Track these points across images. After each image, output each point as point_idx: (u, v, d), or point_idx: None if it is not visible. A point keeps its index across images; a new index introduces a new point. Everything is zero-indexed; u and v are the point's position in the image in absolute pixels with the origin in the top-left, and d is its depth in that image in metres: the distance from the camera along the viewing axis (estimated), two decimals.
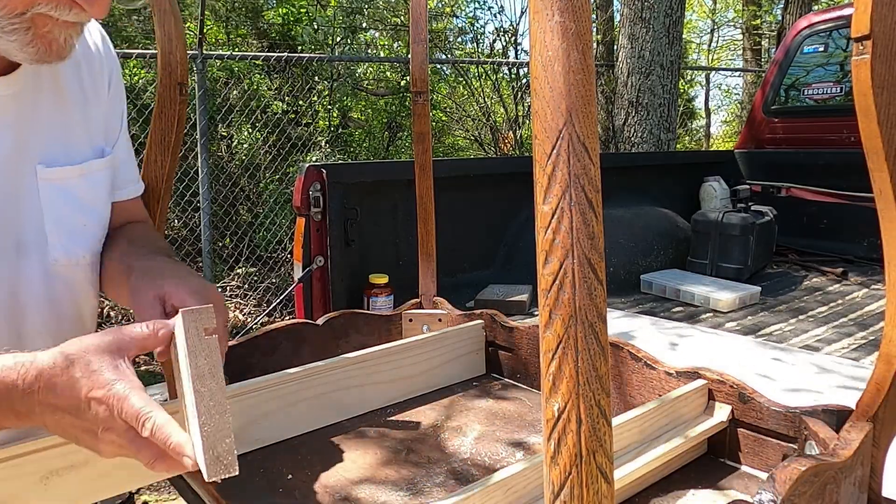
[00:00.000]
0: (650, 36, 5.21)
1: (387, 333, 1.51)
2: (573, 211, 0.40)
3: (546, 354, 0.41)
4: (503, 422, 1.21)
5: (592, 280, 0.40)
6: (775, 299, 2.70)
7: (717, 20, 15.20)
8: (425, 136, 1.52)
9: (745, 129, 3.96)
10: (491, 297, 2.46)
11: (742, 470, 1.03)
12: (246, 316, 4.85)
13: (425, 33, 1.47)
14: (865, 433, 0.84)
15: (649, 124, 5.33)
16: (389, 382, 1.28)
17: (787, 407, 0.98)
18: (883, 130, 0.73)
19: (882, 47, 0.71)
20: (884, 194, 0.77)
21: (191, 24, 5.45)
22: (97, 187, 0.93)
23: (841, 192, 3.19)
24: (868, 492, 0.87)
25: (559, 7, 0.39)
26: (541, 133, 0.40)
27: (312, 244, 2.22)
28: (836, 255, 3.28)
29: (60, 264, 0.89)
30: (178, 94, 1.11)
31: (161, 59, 1.11)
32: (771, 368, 1.85)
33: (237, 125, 5.70)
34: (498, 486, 0.81)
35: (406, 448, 1.11)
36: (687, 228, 3.17)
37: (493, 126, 7.35)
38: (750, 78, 11.20)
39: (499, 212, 2.80)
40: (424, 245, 1.54)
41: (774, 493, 0.69)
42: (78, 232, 0.91)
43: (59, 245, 0.88)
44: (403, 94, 6.62)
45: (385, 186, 2.44)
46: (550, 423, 0.40)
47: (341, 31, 6.50)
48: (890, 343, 0.82)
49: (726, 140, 13.14)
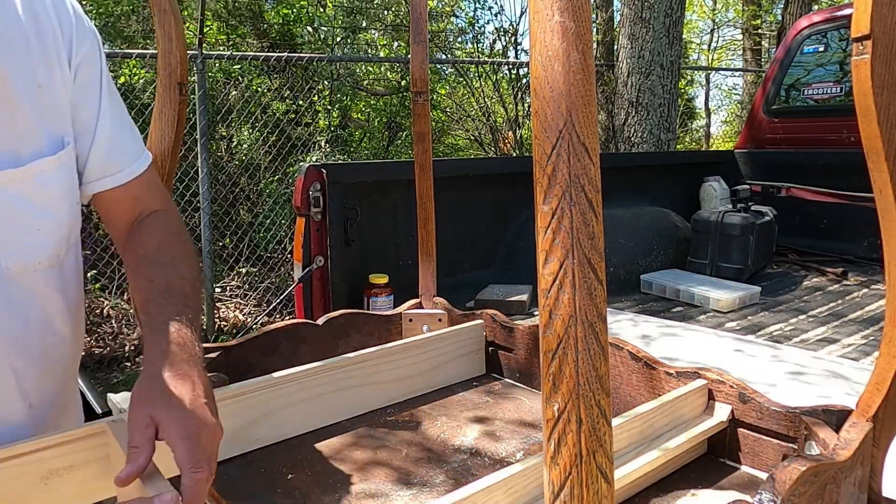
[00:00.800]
0: (650, 36, 5.21)
1: (387, 333, 1.51)
2: (573, 211, 0.40)
3: (546, 354, 0.41)
4: (503, 422, 1.21)
5: (592, 280, 0.40)
6: (775, 299, 2.70)
7: (717, 20, 15.21)
8: (425, 136, 1.52)
9: (745, 129, 3.96)
10: (491, 297, 2.46)
11: (742, 470, 1.03)
12: (246, 316, 4.85)
13: (425, 33, 1.47)
14: (865, 433, 0.84)
15: (649, 124, 5.33)
16: (389, 382, 1.28)
17: (787, 407, 0.98)
18: (883, 130, 0.73)
19: (882, 47, 0.71)
20: (884, 194, 0.77)
21: (191, 24, 5.45)
22: (49, 187, 0.85)
23: (841, 192, 3.19)
24: (868, 492, 0.87)
25: (559, 7, 0.39)
26: (541, 133, 0.40)
27: (312, 244, 2.22)
28: (836, 255, 3.28)
29: (13, 272, 0.83)
30: (177, 94, 1.11)
31: (161, 59, 1.12)
32: (771, 368, 1.85)
33: (237, 125, 5.70)
34: (498, 486, 0.81)
35: (406, 448, 1.11)
36: (687, 228, 3.17)
37: (493, 126, 7.35)
38: (750, 78, 11.20)
39: (499, 212, 2.80)
40: (424, 245, 1.54)
41: (774, 493, 0.69)
42: (30, 237, 0.84)
43: (10, 252, 0.82)
44: (403, 94, 6.62)
45: (385, 186, 2.44)
46: (550, 423, 0.40)
47: (341, 31, 6.50)
48: (890, 343, 0.82)
49: (726, 140, 13.14)
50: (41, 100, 0.83)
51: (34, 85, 0.82)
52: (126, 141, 0.93)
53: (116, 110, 0.92)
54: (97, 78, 0.90)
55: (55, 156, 0.84)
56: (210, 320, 4.53)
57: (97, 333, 4.35)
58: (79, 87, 0.88)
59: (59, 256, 0.88)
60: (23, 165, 0.81)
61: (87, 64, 0.88)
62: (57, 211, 0.86)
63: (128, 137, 0.94)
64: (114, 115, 0.91)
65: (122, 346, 4.32)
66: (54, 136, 0.85)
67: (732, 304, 2.56)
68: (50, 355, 0.91)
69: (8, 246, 0.82)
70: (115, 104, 0.92)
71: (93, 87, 0.89)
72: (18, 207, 0.82)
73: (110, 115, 0.91)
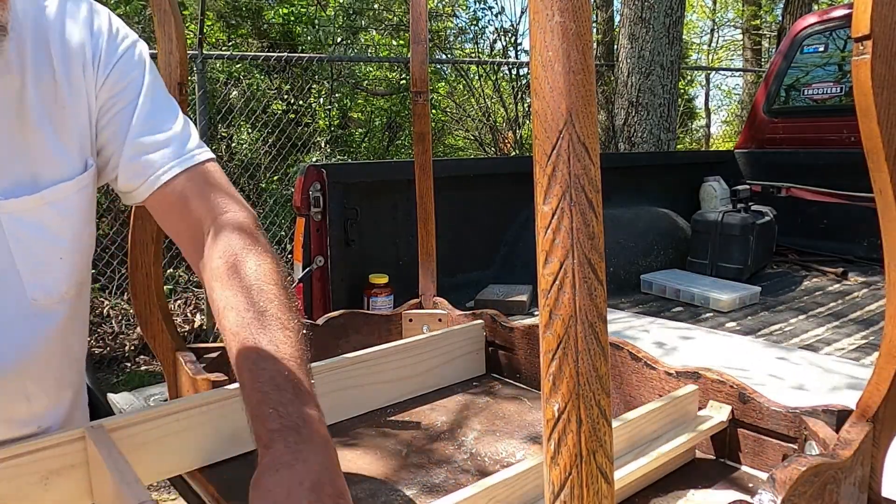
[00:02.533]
0: (650, 36, 5.21)
1: (387, 333, 1.51)
2: (573, 211, 0.40)
3: (546, 354, 0.41)
4: (503, 422, 1.21)
5: (592, 280, 0.40)
6: (775, 299, 2.70)
7: (717, 20, 15.20)
8: (425, 136, 1.52)
9: (746, 129, 3.96)
10: (491, 297, 2.46)
11: (742, 470, 1.03)
12: None
13: (425, 33, 1.47)
14: (865, 433, 0.84)
15: (649, 124, 5.33)
16: (389, 382, 1.28)
17: (787, 407, 0.98)
18: (883, 130, 0.73)
19: (882, 47, 0.71)
20: (884, 194, 0.76)
21: (191, 24, 5.45)
22: (69, 213, 0.81)
23: (841, 192, 3.19)
24: (868, 492, 0.87)
25: (559, 7, 0.39)
26: (541, 133, 0.40)
27: (312, 244, 2.22)
28: (836, 255, 3.28)
29: (41, 303, 0.80)
30: (177, 94, 1.11)
31: (161, 59, 1.12)
32: (771, 368, 1.85)
33: (237, 125, 5.70)
34: (498, 486, 0.81)
35: (406, 448, 1.11)
36: (687, 228, 3.17)
37: (493, 126, 7.35)
38: (750, 78, 11.20)
39: (499, 212, 2.80)
40: (424, 245, 1.54)
41: (774, 493, 0.69)
42: (54, 266, 0.81)
43: (36, 283, 0.79)
44: (403, 94, 6.62)
45: (385, 186, 2.44)
46: (550, 423, 0.40)
47: (342, 32, 6.50)
48: (890, 343, 0.82)
49: (726, 140, 13.14)
50: (64, 121, 0.80)
51: (56, 108, 0.79)
52: (158, 145, 0.85)
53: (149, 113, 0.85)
54: (131, 83, 0.85)
55: (73, 180, 0.81)
56: (210, 320, 4.53)
57: (97, 333, 4.35)
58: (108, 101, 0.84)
59: (82, 284, 0.85)
60: (38, 192, 0.78)
61: (122, 71, 0.84)
62: (79, 237, 0.84)
63: (178, 136, 0.86)
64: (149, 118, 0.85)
65: (122, 346, 4.32)
66: (76, 159, 0.82)
67: (732, 304, 2.56)
68: (63, 380, 0.90)
69: (33, 277, 0.78)
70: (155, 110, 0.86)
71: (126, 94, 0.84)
72: (41, 237, 0.79)
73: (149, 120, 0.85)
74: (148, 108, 0.85)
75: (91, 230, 0.85)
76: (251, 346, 0.70)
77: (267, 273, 0.78)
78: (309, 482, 0.59)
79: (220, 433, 1.02)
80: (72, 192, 0.81)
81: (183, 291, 4.82)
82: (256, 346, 0.70)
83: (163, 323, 1.23)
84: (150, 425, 0.93)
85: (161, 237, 1.19)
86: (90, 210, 0.85)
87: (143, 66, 0.87)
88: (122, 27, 0.87)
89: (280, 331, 0.72)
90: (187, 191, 0.84)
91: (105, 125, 0.85)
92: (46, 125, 0.79)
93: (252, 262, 0.78)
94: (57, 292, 0.81)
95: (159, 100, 0.87)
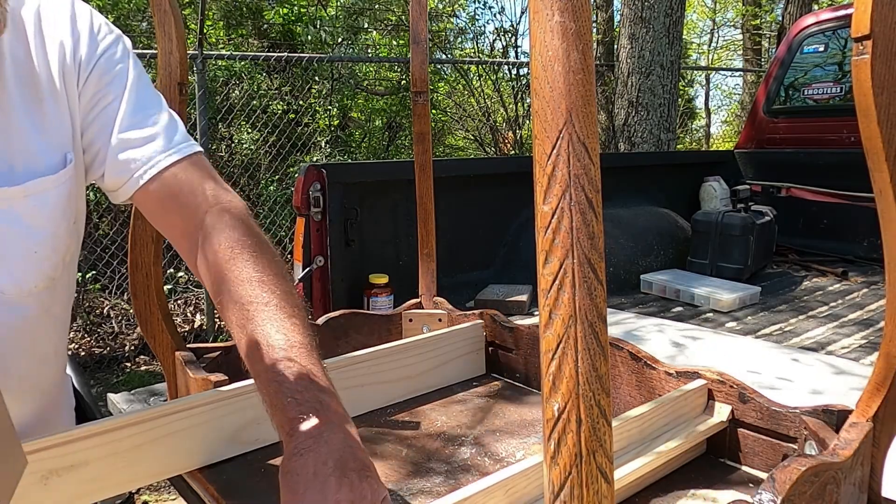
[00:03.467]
0: (650, 36, 5.21)
1: (387, 333, 1.51)
2: (573, 211, 0.40)
3: (546, 354, 0.41)
4: (503, 422, 1.21)
5: (592, 280, 0.40)
6: (775, 299, 2.70)
7: (717, 20, 15.21)
8: (425, 136, 1.52)
9: (746, 129, 3.96)
10: (491, 297, 2.46)
11: (742, 470, 1.03)
12: None
13: (425, 33, 1.47)
14: (865, 433, 0.84)
15: (649, 124, 5.33)
16: (389, 382, 1.28)
17: (787, 407, 0.98)
18: (883, 130, 0.73)
19: (882, 47, 0.71)
20: (884, 194, 0.76)
21: (191, 24, 5.46)
22: (48, 207, 0.81)
23: (841, 192, 3.19)
24: (868, 492, 0.87)
25: (559, 7, 0.39)
26: (541, 133, 0.40)
27: (312, 244, 2.23)
28: (836, 255, 3.28)
29: (8, 295, 0.79)
30: (178, 94, 1.11)
31: (161, 59, 1.11)
32: (771, 368, 1.85)
33: (237, 125, 5.70)
34: (498, 487, 0.81)
35: (406, 448, 1.11)
36: (687, 228, 3.17)
37: (493, 126, 7.35)
38: (750, 78, 11.21)
39: (499, 212, 2.80)
40: (424, 245, 1.54)
41: (774, 493, 0.69)
42: (28, 259, 0.80)
43: (7, 275, 0.78)
44: (403, 94, 6.62)
45: (385, 186, 2.44)
46: (550, 423, 0.40)
47: (342, 33, 6.50)
48: (890, 342, 0.82)
49: (726, 140, 13.14)
50: (44, 118, 0.80)
51: (36, 100, 0.79)
52: (144, 140, 0.85)
53: (135, 109, 0.85)
54: (116, 79, 0.85)
55: (55, 175, 0.81)
56: (210, 320, 4.53)
57: (97, 333, 4.35)
58: (93, 96, 0.84)
59: (54, 278, 0.85)
60: (18, 184, 0.78)
61: (106, 67, 0.84)
62: (55, 231, 0.83)
63: (162, 130, 0.86)
64: (134, 114, 0.85)
65: (122, 346, 4.32)
66: (55, 155, 0.81)
67: (732, 304, 2.56)
68: (28, 378, 0.88)
69: (5, 268, 0.78)
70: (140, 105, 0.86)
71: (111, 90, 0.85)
72: (16, 228, 0.79)
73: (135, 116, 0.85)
74: (133, 104, 0.85)
75: (69, 225, 0.85)
76: (260, 337, 0.71)
77: (266, 263, 0.78)
78: (332, 461, 0.61)
79: (220, 433, 1.02)
80: (50, 187, 0.81)
81: (183, 291, 4.82)
82: (266, 338, 0.71)
83: (163, 323, 1.23)
84: (150, 425, 0.93)
85: (161, 237, 1.19)
86: (69, 206, 0.84)
87: (127, 62, 0.87)
88: (105, 23, 0.88)
89: (287, 319, 0.73)
90: (176, 184, 0.84)
91: (91, 122, 0.85)
92: (26, 121, 0.79)
93: (250, 253, 0.78)
94: (27, 285, 0.81)
95: (144, 95, 0.87)
